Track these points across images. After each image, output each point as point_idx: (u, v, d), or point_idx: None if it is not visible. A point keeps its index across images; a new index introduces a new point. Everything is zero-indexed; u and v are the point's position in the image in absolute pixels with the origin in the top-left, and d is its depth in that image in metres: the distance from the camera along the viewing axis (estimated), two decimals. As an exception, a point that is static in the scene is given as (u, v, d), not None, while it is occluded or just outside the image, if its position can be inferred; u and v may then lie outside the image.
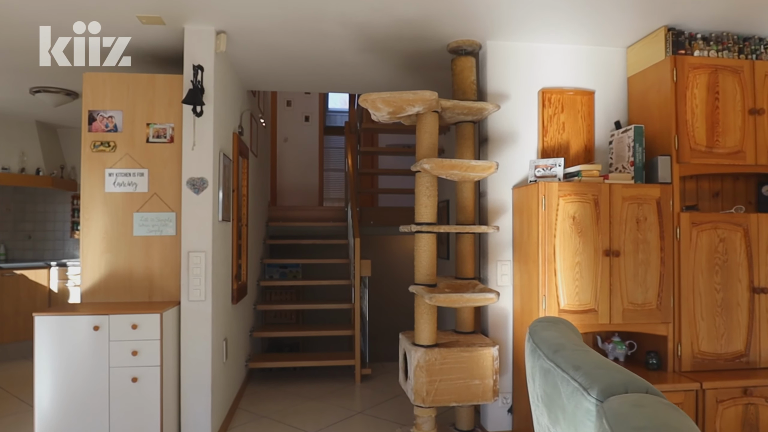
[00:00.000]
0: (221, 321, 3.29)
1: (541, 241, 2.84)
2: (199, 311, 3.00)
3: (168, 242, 3.09)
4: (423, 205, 2.86)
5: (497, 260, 3.26)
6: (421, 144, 2.88)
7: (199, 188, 3.01)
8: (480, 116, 3.10)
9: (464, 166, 2.67)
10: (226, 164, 3.36)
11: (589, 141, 3.37)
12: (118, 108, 3.10)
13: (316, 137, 7.61)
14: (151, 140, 3.10)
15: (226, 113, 3.45)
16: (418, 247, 2.87)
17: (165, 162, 3.10)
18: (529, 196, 2.99)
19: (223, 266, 3.35)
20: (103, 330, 2.70)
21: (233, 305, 3.69)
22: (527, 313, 3.01)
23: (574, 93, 3.35)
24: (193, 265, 2.98)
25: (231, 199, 3.55)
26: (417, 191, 2.89)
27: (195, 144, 2.98)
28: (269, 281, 5.25)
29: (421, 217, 2.87)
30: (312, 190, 7.49)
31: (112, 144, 3.07)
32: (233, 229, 3.64)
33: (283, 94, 7.54)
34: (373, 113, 2.88)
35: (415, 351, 2.83)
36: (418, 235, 2.87)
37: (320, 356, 4.58)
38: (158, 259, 3.08)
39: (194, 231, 3.00)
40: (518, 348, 3.16)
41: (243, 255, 4.15)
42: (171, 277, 3.08)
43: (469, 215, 3.22)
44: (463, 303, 2.67)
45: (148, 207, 3.08)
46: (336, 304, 5.00)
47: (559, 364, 1.02)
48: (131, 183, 3.07)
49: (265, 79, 4.09)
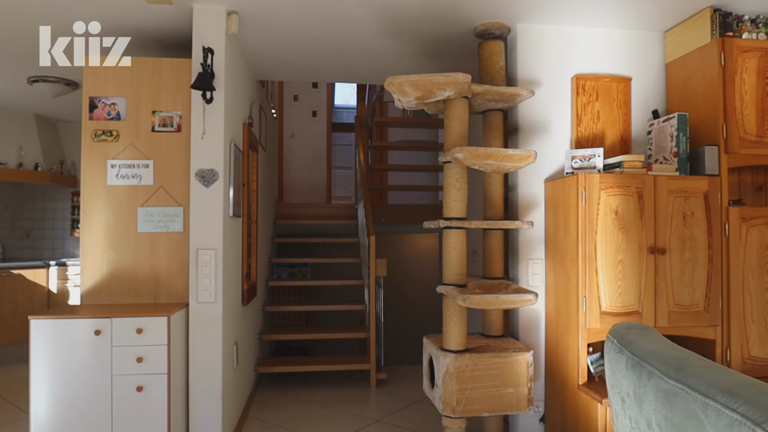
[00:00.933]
0: (232, 324, 3.07)
1: (581, 237, 2.61)
2: (208, 314, 2.77)
3: (175, 239, 2.86)
4: (452, 198, 2.64)
5: (528, 259, 3.04)
6: (451, 132, 2.66)
7: (209, 181, 2.78)
8: (511, 103, 2.88)
9: (500, 155, 2.45)
10: (237, 156, 3.14)
11: (625, 131, 3.14)
12: (122, 94, 2.88)
13: (324, 133, 7.39)
14: (157, 129, 2.88)
15: (237, 101, 3.23)
16: (447, 245, 2.65)
17: (172, 153, 2.88)
18: (565, 189, 2.76)
19: (234, 265, 3.13)
20: (105, 335, 2.48)
21: (243, 307, 3.47)
22: (563, 316, 2.79)
23: (610, 80, 3.13)
24: (202, 264, 2.76)
25: (241, 193, 3.33)
26: (446, 183, 2.67)
27: (205, 133, 2.76)
28: (277, 281, 5.03)
29: (450, 212, 2.65)
30: (320, 187, 7.27)
31: (114, 133, 2.85)
32: (244, 225, 3.42)
33: (291, 89, 7.32)
34: (398, 99, 2.66)
35: (443, 357, 2.60)
36: (446, 232, 2.65)
37: (333, 360, 4.36)
38: (164, 257, 2.86)
39: (204, 227, 2.78)
40: (551, 352, 2.94)
41: (252, 254, 3.93)
42: (178, 276, 2.86)
43: (498, 210, 3.00)
44: (499, 305, 2.44)
45: (154, 201, 2.86)
46: (347, 305, 4.78)
47: (695, 386, 0.80)
48: (135, 175, 2.85)
49: (277, 67, 3.86)
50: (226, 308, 2.90)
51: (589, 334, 2.62)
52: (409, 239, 7.87)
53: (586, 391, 2.53)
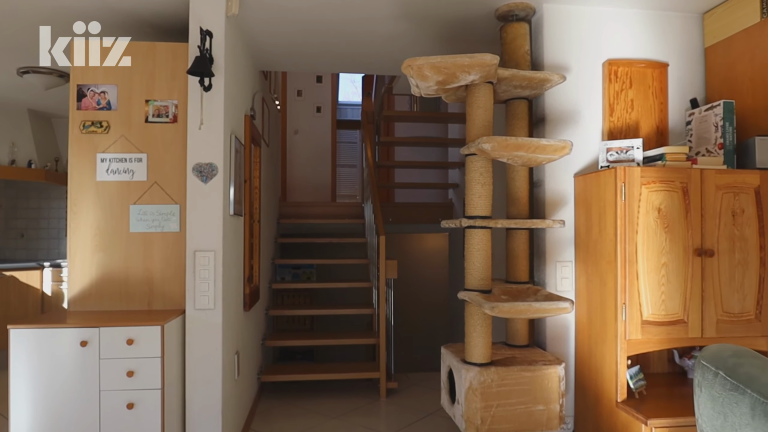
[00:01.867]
0: (233, 332, 2.82)
1: (620, 237, 2.35)
2: (207, 322, 2.52)
3: (171, 240, 2.61)
4: (476, 194, 2.38)
5: (556, 261, 2.78)
6: (474, 121, 2.40)
7: (207, 176, 2.53)
8: (539, 90, 2.62)
9: (533, 145, 2.19)
10: (238, 150, 2.89)
11: (661, 121, 2.88)
12: (112, 82, 2.63)
13: (329, 129, 7.14)
14: (151, 120, 2.63)
15: (238, 91, 2.98)
16: (471, 246, 2.39)
17: (167, 145, 2.63)
18: (600, 184, 2.50)
19: (235, 268, 2.88)
20: (93, 346, 2.23)
21: (245, 312, 3.22)
22: (597, 325, 2.53)
23: (645, 65, 2.87)
24: (200, 267, 2.51)
25: (243, 190, 3.08)
26: (468, 178, 2.41)
27: (203, 123, 2.51)
28: (281, 283, 4.78)
29: (473, 209, 2.39)
30: (324, 185, 7.01)
31: (104, 124, 2.60)
32: (245, 225, 3.17)
33: (294, 83, 7.07)
34: (416, 84, 2.41)
35: (466, 371, 2.35)
36: (469, 232, 2.40)
37: (340, 368, 4.10)
38: (159, 259, 2.61)
39: (202, 226, 2.53)
40: (582, 365, 2.68)
41: (255, 255, 3.68)
42: (174, 280, 2.61)
43: (523, 208, 2.74)
44: (531, 314, 2.19)
45: (148, 198, 2.61)
46: (355, 308, 4.52)
47: None
48: (127, 170, 2.60)
49: (280, 56, 3.61)
50: (227, 315, 2.65)
51: (629, 346, 2.36)
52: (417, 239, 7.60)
53: (626, 410, 2.27)
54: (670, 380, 2.68)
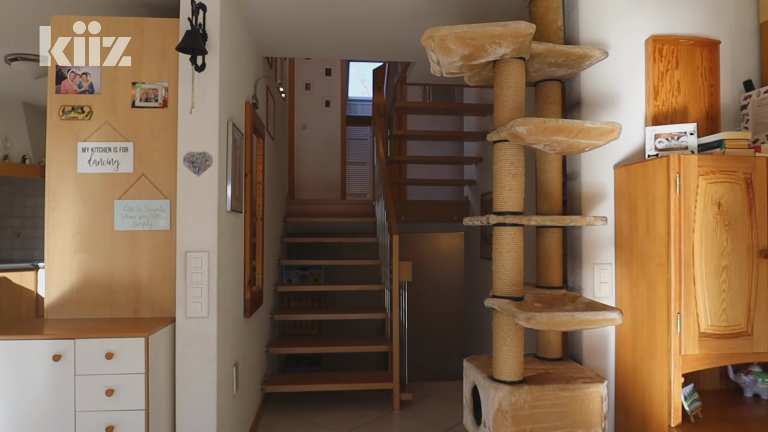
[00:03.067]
0: (230, 341, 2.53)
1: (674, 237, 2.03)
2: (200, 331, 2.24)
3: (160, 239, 2.33)
4: (506, 187, 2.07)
5: (593, 263, 2.46)
6: (504, 103, 2.09)
7: (200, 167, 2.24)
8: (575, 69, 2.30)
9: (575, 129, 1.87)
10: (237, 139, 2.60)
11: (712, 106, 2.55)
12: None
13: (338, 124, 6.85)
14: (138, 104, 2.35)
15: (238, 74, 2.69)
16: (500, 246, 2.08)
17: (156, 133, 2.34)
18: (647, 175, 2.18)
19: (233, 270, 2.59)
20: (67, 360, 1.95)
21: (246, 319, 2.93)
22: (644, 337, 2.21)
23: (693, 43, 2.54)
24: (192, 270, 2.22)
25: (243, 184, 2.79)
26: (497, 169, 2.10)
27: (194, 106, 2.22)
28: (287, 286, 4.49)
29: (503, 204, 2.07)
30: (334, 182, 6.72)
31: (86, 109, 2.33)
32: (246, 223, 2.88)
33: (302, 76, 6.79)
34: (438, 59, 2.10)
35: (495, 389, 2.04)
36: (498, 230, 2.08)
37: (350, 377, 3.81)
38: (147, 261, 2.32)
39: (194, 224, 2.24)
40: (625, 382, 2.36)
41: (258, 256, 3.40)
42: (164, 285, 2.32)
43: (556, 204, 2.43)
44: (574, 326, 1.87)
45: (134, 192, 2.33)
46: (366, 312, 4.23)
47: None
48: (112, 161, 2.32)
49: (285, 40, 3.31)
50: (223, 323, 2.36)
51: (684, 362, 2.03)
52: (430, 239, 7.30)
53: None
54: (725, 399, 2.35)
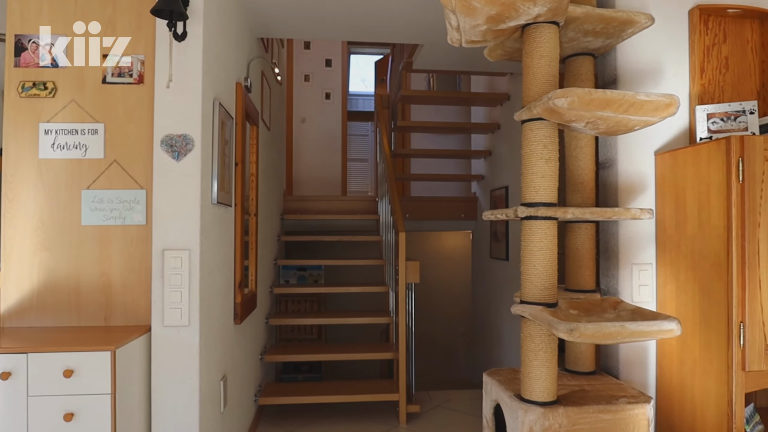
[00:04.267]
0: (217, 352, 2.22)
1: (736, 232, 1.72)
2: (179, 342, 1.93)
3: (135, 235, 2.02)
4: (538, 174, 1.76)
5: (632, 263, 2.15)
6: (534, 75, 1.78)
7: (179, 151, 1.94)
8: (614, 39, 1.99)
9: (626, 101, 1.56)
10: (226, 122, 2.29)
11: (764, 85, 2.24)
12: (60, 31, 2.04)
13: (339, 117, 6.54)
14: (110, 80, 2.04)
15: (227, 50, 2.38)
16: (530, 244, 1.77)
17: (131, 113, 2.04)
18: (699, 161, 1.87)
19: (220, 272, 2.28)
20: (18, 378, 1.64)
21: (237, 326, 2.63)
22: (695, 349, 1.90)
23: (743, 13, 2.23)
24: (170, 271, 1.91)
25: (233, 175, 2.48)
26: (527, 153, 1.79)
27: (171, 80, 1.91)
28: (284, 287, 4.18)
29: (534, 194, 1.76)
30: (334, 178, 6.41)
31: (50, 86, 2.02)
32: (237, 218, 2.57)
33: (301, 67, 6.48)
34: (458, 23, 1.79)
35: (525, 412, 1.73)
36: (529, 225, 1.77)
37: (351, 387, 3.50)
38: (119, 261, 2.01)
39: (172, 218, 1.94)
40: (670, 399, 2.05)
41: (251, 255, 3.09)
42: (139, 288, 2.01)
43: (588, 195, 2.12)
44: (624, 338, 1.56)
45: (105, 182, 2.02)
46: (369, 316, 3.92)
47: None
48: (79, 145, 2.01)
49: (280, 16, 3.00)
50: (207, 332, 2.05)
51: (748, 380, 1.73)
52: (435, 237, 7.00)
53: (749, 470, 1.65)
54: (784, 420, 2.04)
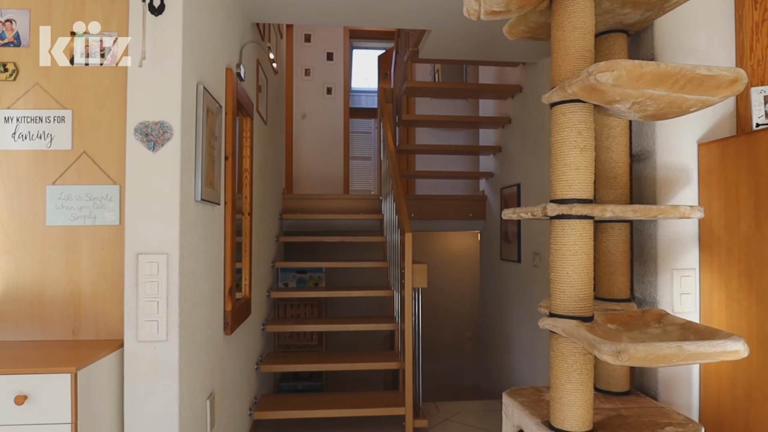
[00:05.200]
0: (203, 368, 1.97)
1: (806, 234, 1.47)
2: (156, 360, 1.68)
3: (107, 237, 1.77)
4: (571, 165, 1.50)
5: (671, 269, 1.90)
6: (567, 50, 1.53)
7: (156, 140, 1.69)
8: (656, 12, 1.74)
9: (683, 76, 1.30)
10: (213, 111, 2.04)
11: (820, 66, 1.98)
12: (23, 5, 1.79)
13: (341, 113, 6.29)
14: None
15: (213, 29, 2.13)
16: (562, 247, 1.52)
17: (102, 98, 1.79)
18: (756, 151, 1.62)
19: (206, 277, 2.03)
20: (-39, 406, 1.39)
21: (227, 336, 2.38)
22: (753, 368, 1.64)
23: (797, -15, 1.97)
24: (144, 278, 1.67)
25: (222, 169, 2.23)
26: (558, 141, 1.53)
27: (145, 57, 1.66)
28: (282, 291, 3.94)
29: (566, 189, 1.51)
30: (336, 176, 6.17)
31: (10, 67, 1.77)
32: (227, 217, 2.33)
33: (301, 60, 6.24)
34: (478, -8, 1.54)
35: (556, 443, 1.48)
36: (560, 225, 1.52)
37: (354, 400, 3.25)
38: (90, 266, 1.77)
39: (148, 217, 1.69)
40: (716, 425, 1.79)
41: (245, 257, 2.85)
42: (112, 297, 1.77)
43: (622, 191, 1.87)
44: (682, 360, 1.30)
45: (73, 176, 1.77)
46: (373, 323, 3.67)
47: None
48: (44, 134, 1.77)
49: (277, -2, 2.76)
50: (190, 347, 1.81)
51: (820, 407, 1.47)
52: (440, 238, 6.74)
53: None
54: None
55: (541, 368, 3.85)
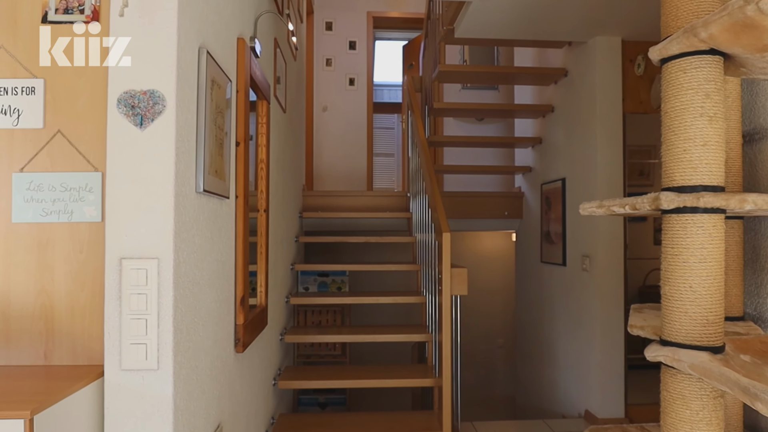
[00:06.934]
0: (206, 398, 1.61)
1: None
2: (144, 394, 1.32)
3: (87, 237, 1.42)
4: (696, 140, 1.10)
5: (801, 278, 1.48)
6: (691, -16, 1.13)
7: (144, 114, 1.33)
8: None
9: None
10: (219, 81, 1.68)
11: None
12: None
13: (364, 105, 5.93)
14: (53, 18, 1.45)
15: (221, -13, 1.77)
16: (683, 252, 1.11)
17: (80, 67, 1.44)
18: None
19: (212, 286, 1.67)
20: None
21: (238, 354, 2.02)
22: None
23: None
24: (129, 289, 1.31)
25: (231, 156, 1.87)
26: (673, 107, 1.13)
27: (127, 5, 1.30)
28: (302, 297, 3.58)
29: (690, 173, 1.11)
30: (359, 172, 5.81)
31: (-31, 26, 1.43)
32: (238, 213, 1.97)
33: (322, 50, 5.89)
34: None
35: None
36: (679, 222, 1.12)
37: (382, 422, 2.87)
38: (65, 273, 1.42)
39: (133, 212, 1.33)
40: None
41: (261, 260, 2.49)
42: (93, 312, 1.42)
43: (734, 179, 1.46)
44: None
45: (45, 161, 1.43)
46: (403, 333, 3.30)
47: None
48: (9, 109, 1.42)
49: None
50: (188, 375, 1.45)
51: None
52: (471, 238, 6.33)
53: None
54: None
55: (592, 385, 3.43)
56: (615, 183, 3.42)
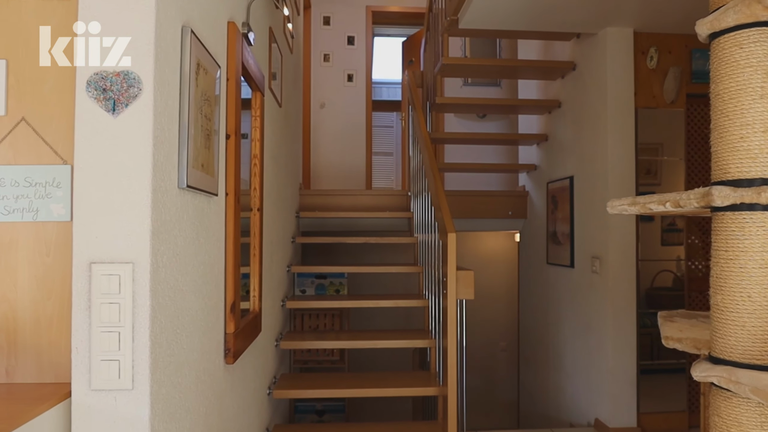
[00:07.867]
0: (191, 418, 1.45)
1: None
2: (117, 418, 1.16)
3: (54, 238, 1.26)
4: (755, 126, 0.95)
5: None
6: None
7: (117, 98, 1.17)
8: None
9: None
10: (205, 65, 1.52)
11: None
12: None
13: (363, 102, 5.77)
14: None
15: (208, -37, 1.61)
16: (740, 253, 0.96)
17: (48, 44, 1.28)
18: None
19: (197, 293, 1.51)
20: None
21: (228, 365, 1.86)
22: None
23: None
24: (100, 298, 1.15)
25: (218, 148, 1.71)
26: (727, 88, 0.98)
27: (97, -30, 1.14)
28: (299, 300, 3.42)
29: (749, 163, 0.96)
30: (357, 170, 5.65)
31: None
32: (228, 211, 1.81)
33: (319, 45, 5.73)
34: None
35: None
36: (734, 221, 0.97)
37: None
38: (30, 278, 1.26)
39: (105, 209, 1.17)
40: None
41: (254, 262, 2.33)
42: (60, 323, 1.25)
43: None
44: None
45: (7, 153, 1.26)
46: (405, 339, 3.14)
47: None
48: (-33, 94, 1.26)
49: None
50: (169, 394, 1.29)
51: None
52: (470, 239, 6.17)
53: None
54: None
55: (602, 392, 3.28)
56: (627, 181, 3.27)
